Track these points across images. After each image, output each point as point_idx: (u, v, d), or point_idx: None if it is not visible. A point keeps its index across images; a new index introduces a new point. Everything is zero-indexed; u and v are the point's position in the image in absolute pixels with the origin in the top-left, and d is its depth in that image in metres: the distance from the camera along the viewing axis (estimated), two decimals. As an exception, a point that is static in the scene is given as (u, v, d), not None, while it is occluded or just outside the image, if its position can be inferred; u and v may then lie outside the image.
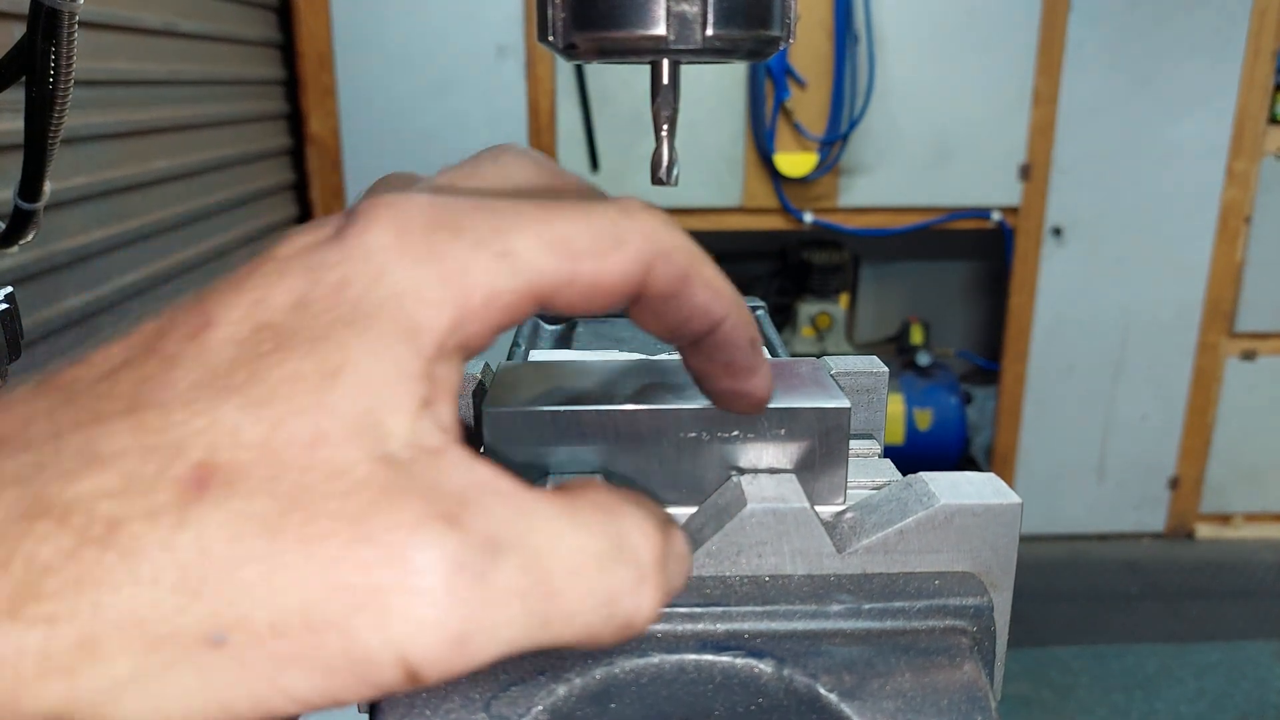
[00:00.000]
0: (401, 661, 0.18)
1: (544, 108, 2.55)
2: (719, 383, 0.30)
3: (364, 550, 0.18)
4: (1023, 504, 0.33)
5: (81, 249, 1.49)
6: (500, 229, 0.22)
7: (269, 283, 0.21)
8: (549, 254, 0.22)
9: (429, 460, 0.20)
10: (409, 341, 0.20)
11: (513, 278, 0.22)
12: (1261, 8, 2.54)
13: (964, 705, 0.29)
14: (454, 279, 0.21)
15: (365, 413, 0.19)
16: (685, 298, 0.26)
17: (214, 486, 0.18)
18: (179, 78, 1.88)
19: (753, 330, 0.29)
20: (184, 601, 0.17)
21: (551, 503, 0.21)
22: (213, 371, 0.19)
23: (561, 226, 0.23)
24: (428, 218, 0.22)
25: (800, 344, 3.03)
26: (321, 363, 0.19)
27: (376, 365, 0.20)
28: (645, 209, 0.25)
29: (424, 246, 0.21)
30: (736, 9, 0.37)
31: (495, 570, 0.19)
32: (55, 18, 0.57)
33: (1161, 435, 2.89)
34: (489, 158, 0.27)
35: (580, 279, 0.23)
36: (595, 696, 0.30)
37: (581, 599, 0.20)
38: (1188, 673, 2.35)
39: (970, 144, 2.65)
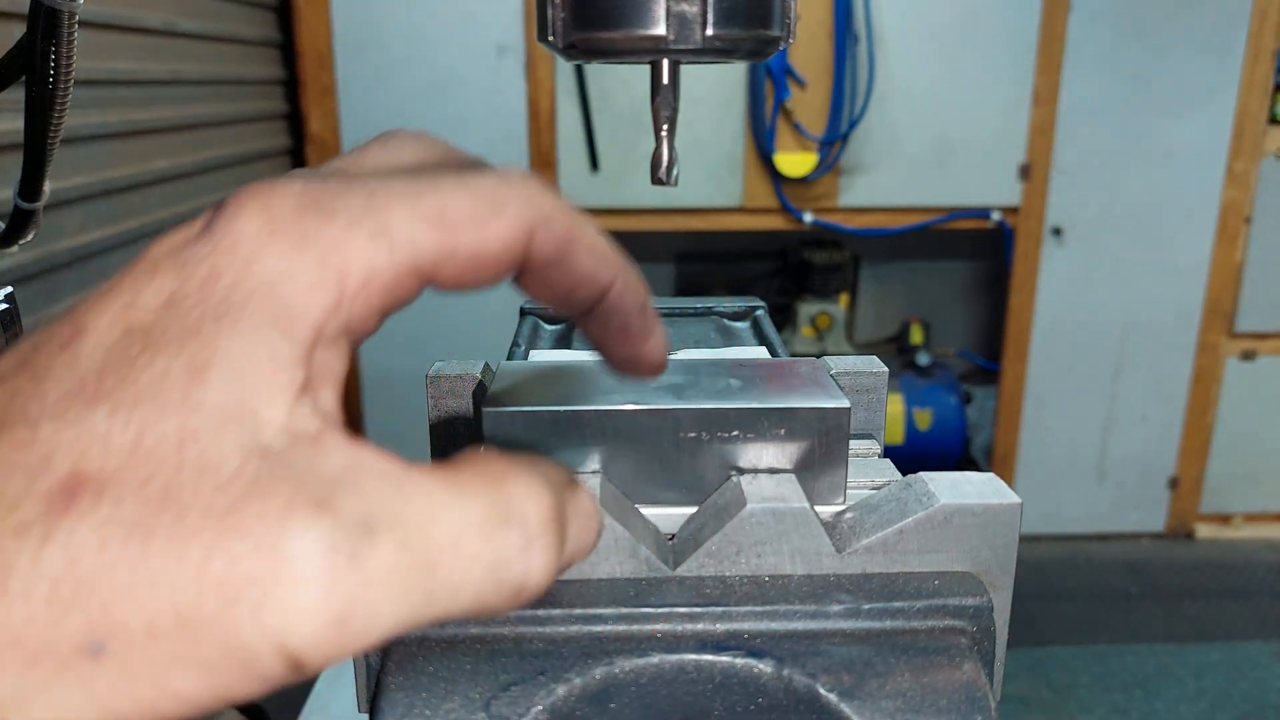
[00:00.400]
0: (281, 650, 0.18)
1: (544, 108, 2.55)
2: (616, 349, 0.29)
3: (234, 543, 0.18)
4: (1022, 504, 0.33)
5: (81, 249, 1.49)
6: (373, 207, 0.22)
7: (138, 285, 0.21)
8: (426, 227, 0.22)
9: (304, 446, 0.20)
10: (282, 328, 0.20)
11: (390, 255, 0.21)
12: (1261, 8, 2.54)
13: (963, 705, 0.29)
14: (329, 261, 0.21)
15: (237, 405, 0.19)
16: (570, 263, 0.25)
17: (82, 496, 0.18)
18: (179, 77, 1.88)
19: (642, 294, 0.28)
20: (58, 614, 0.17)
21: (432, 476, 0.21)
22: (82, 380, 0.19)
23: (437, 198, 0.22)
24: (297, 201, 0.21)
25: (800, 344, 3.03)
26: (190, 359, 0.19)
27: (248, 356, 0.20)
28: (524, 176, 0.25)
29: (295, 231, 0.21)
30: (736, 9, 0.37)
31: (369, 550, 0.19)
32: (55, 18, 0.57)
33: (1161, 435, 2.89)
34: (378, 142, 0.27)
35: (461, 250, 0.23)
36: (595, 696, 0.30)
37: (465, 569, 0.20)
38: (1187, 672, 2.35)
39: (970, 144, 2.65)
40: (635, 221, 2.67)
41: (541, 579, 0.22)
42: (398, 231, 0.22)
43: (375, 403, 2.76)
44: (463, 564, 0.20)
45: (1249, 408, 2.86)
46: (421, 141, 0.27)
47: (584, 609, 0.31)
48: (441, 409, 0.43)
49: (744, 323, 0.64)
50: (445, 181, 0.23)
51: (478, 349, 0.49)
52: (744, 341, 0.59)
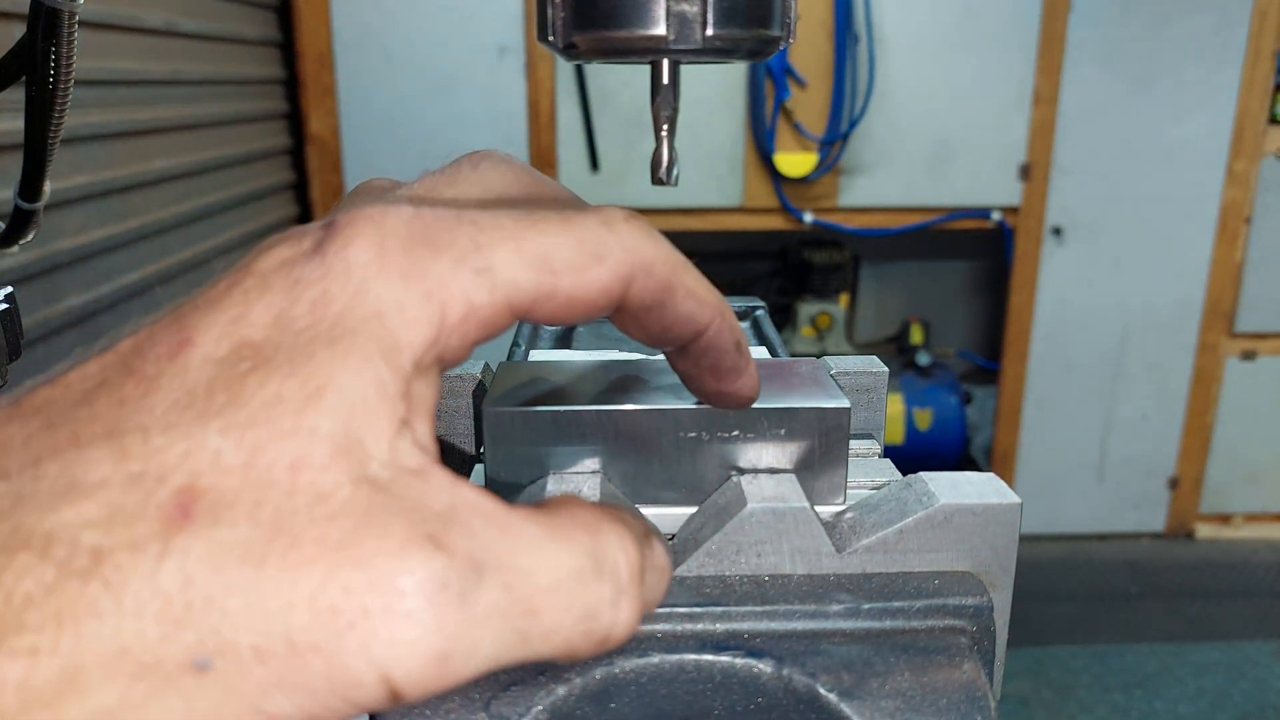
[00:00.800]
0: (384, 681, 0.18)
1: (544, 108, 2.55)
2: (706, 385, 0.30)
3: (349, 574, 0.18)
4: (1022, 504, 0.33)
5: (82, 249, 1.49)
6: (480, 244, 0.22)
7: (248, 299, 0.21)
8: (528, 270, 0.22)
9: (410, 481, 0.20)
10: (389, 360, 0.20)
11: (491, 293, 0.22)
12: (1262, 9, 2.54)
13: (963, 705, 0.29)
14: (434, 296, 0.21)
15: (346, 434, 0.19)
16: (668, 307, 0.26)
17: (197, 514, 0.18)
18: (179, 77, 1.88)
19: (737, 334, 0.29)
20: (168, 630, 0.17)
21: (533, 521, 0.21)
22: (192, 393, 0.19)
23: (541, 241, 0.23)
24: (409, 232, 0.21)
25: (800, 344, 3.03)
26: (303, 383, 0.19)
27: (357, 385, 0.20)
28: (627, 220, 0.25)
29: (405, 262, 0.21)
30: (736, 9, 0.37)
31: (478, 590, 0.19)
32: (55, 18, 0.57)
33: (1161, 435, 2.89)
34: (469, 164, 0.27)
35: (559, 294, 0.23)
36: (595, 696, 0.30)
37: (561, 615, 0.21)
38: (1187, 672, 2.35)
39: (970, 144, 2.65)
40: (635, 221, 2.67)
41: (626, 631, 0.22)
42: (501, 271, 0.22)
43: (375, 403, 2.76)
44: (559, 611, 0.21)
45: (1249, 408, 2.86)
46: (510, 167, 0.27)
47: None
48: (441, 409, 0.43)
49: (744, 323, 0.64)
50: (549, 223, 0.23)
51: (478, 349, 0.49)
52: (744, 341, 0.59)
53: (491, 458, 0.35)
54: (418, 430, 0.21)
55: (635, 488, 0.35)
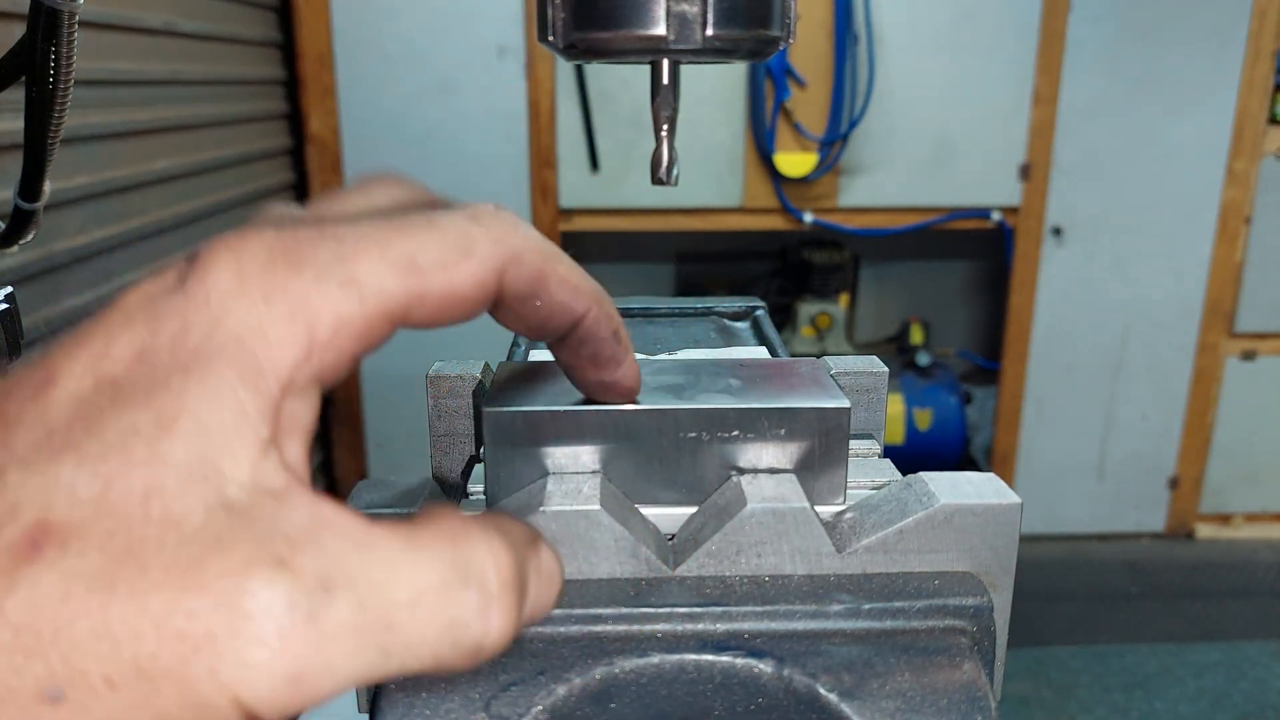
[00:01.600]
0: (237, 704, 0.18)
1: (544, 108, 2.55)
2: (587, 376, 0.30)
3: (195, 598, 0.18)
4: (1023, 504, 0.33)
5: (82, 249, 1.49)
6: (343, 256, 0.22)
7: (111, 335, 0.21)
8: (396, 274, 0.22)
9: (267, 503, 0.20)
10: (250, 383, 0.20)
11: (360, 304, 0.22)
12: (1261, 8, 2.54)
13: (964, 705, 0.29)
14: (298, 314, 0.21)
15: (201, 460, 0.19)
16: (543, 297, 0.26)
17: (47, 547, 0.18)
18: (179, 78, 1.88)
19: (616, 323, 0.29)
20: (18, 661, 0.17)
21: (393, 535, 0.21)
22: (51, 431, 0.20)
23: (405, 244, 0.23)
24: (269, 253, 0.21)
25: (800, 344, 3.03)
26: (158, 413, 0.20)
27: (214, 411, 0.20)
28: (495, 213, 0.25)
29: (265, 284, 0.21)
30: (736, 9, 0.37)
31: (327, 608, 0.19)
32: (55, 18, 0.57)
33: (1161, 435, 2.89)
34: (357, 186, 0.27)
35: (431, 294, 0.23)
36: (595, 696, 0.30)
37: (423, 629, 0.20)
38: (1187, 672, 2.35)
39: (970, 144, 2.65)
40: (635, 221, 2.67)
41: (500, 639, 0.22)
42: (367, 281, 0.22)
43: (375, 403, 2.76)
44: (420, 624, 0.20)
45: (1249, 408, 2.86)
46: (399, 185, 0.27)
47: (584, 609, 0.31)
48: (441, 409, 0.43)
49: (744, 323, 0.64)
50: (414, 225, 0.23)
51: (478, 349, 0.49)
52: (744, 341, 0.59)
53: (491, 458, 0.35)
54: (287, 450, 0.21)
55: (635, 488, 0.35)
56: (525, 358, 0.55)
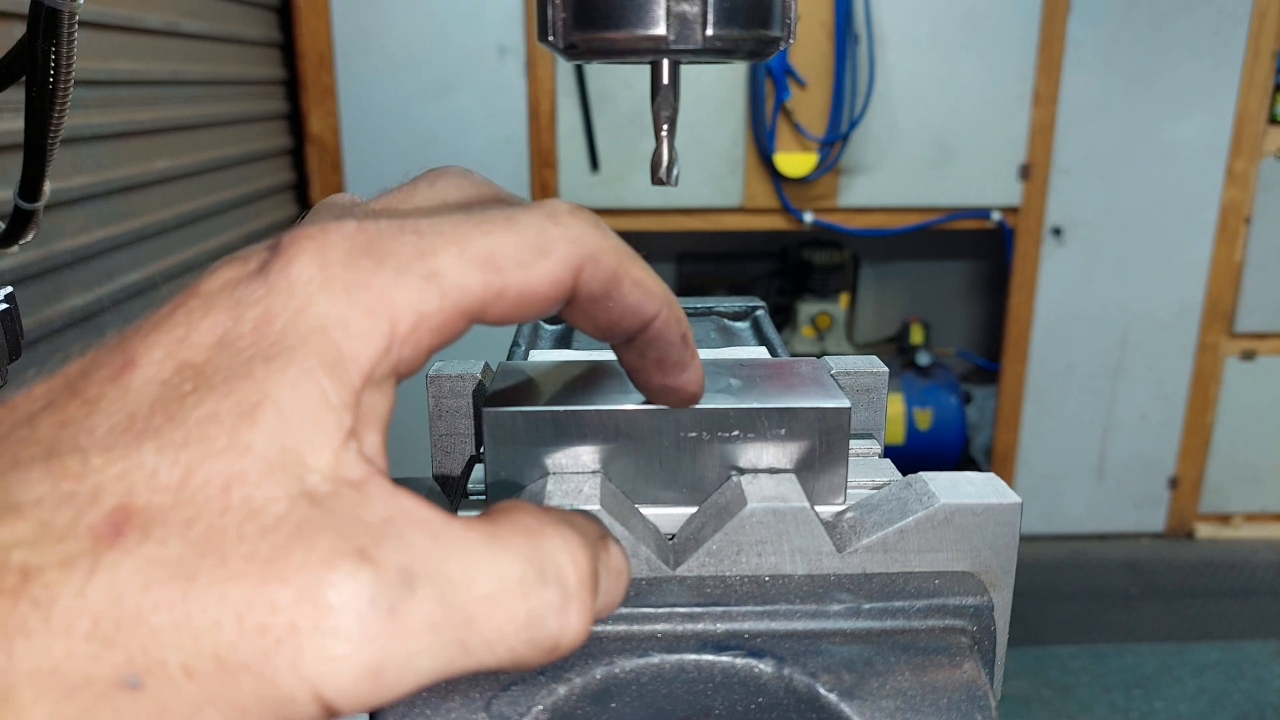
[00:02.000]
0: (316, 698, 0.18)
1: (544, 108, 2.55)
2: (652, 378, 0.30)
3: (276, 590, 0.18)
4: (1023, 504, 0.33)
5: (82, 249, 1.49)
6: (424, 251, 0.22)
7: (192, 320, 0.21)
8: (475, 271, 0.22)
9: (348, 493, 0.20)
10: (332, 373, 0.20)
11: (440, 299, 0.22)
12: (1261, 8, 2.54)
13: (964, 704, 0.29)
14: (380, 307, 0.21)
15: (283, 450, 0.19)
16: (616, 298, 0.26)
17: (129, 533, 0.18)
18: (180, 78, 1.88)
19: (684, 327, 0.29)
20: (98, 649, 0.17)
21: (472, 529, 0.21)
22: (132, 415, 0.19)
23: (485, 241, 0.23)
24: (351, 246, 0.22)
25: (800, 344, 3.03)
26: (239, 401, 0.19)
27: (296, 400, 0.20)
28: (572, 212, 0.25)
29: (348, 276, 0.21)
30: (736, 9, 0.37)
31: (409, 603, 0.19)
32: (55, 18, 0.57)
33: (1161, 435, 2.89)
34: (426, 180, 0.27)
35: (509, 292, 0.23)
36: (595, 696, 0.30)
37: (502, 625, 0.20)
38: (1187, 672, 2.35)
39: (970, 144, 2.65)
40: (635, 221, 2.67)
41: (576, 637, 0.22)
42: (447, 276, 0.22)
43: (375, 403, 2.76)
44: (500, 620, 0.20)
45: (1249, 408, 2.86)
46: (467, 179, 0.27)
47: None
48: (441, 409, 0.43)
49: (744, 323, 0.64)
50: (493, 222, 0.23)
51: (478, 349, 0.49)
52: (744, 341, 0.59)
53: (491, 458, 0.35)
54: (366, 441, 0.21)
55: (635, 488, 0.35)
56: (525, 358, 0.55)
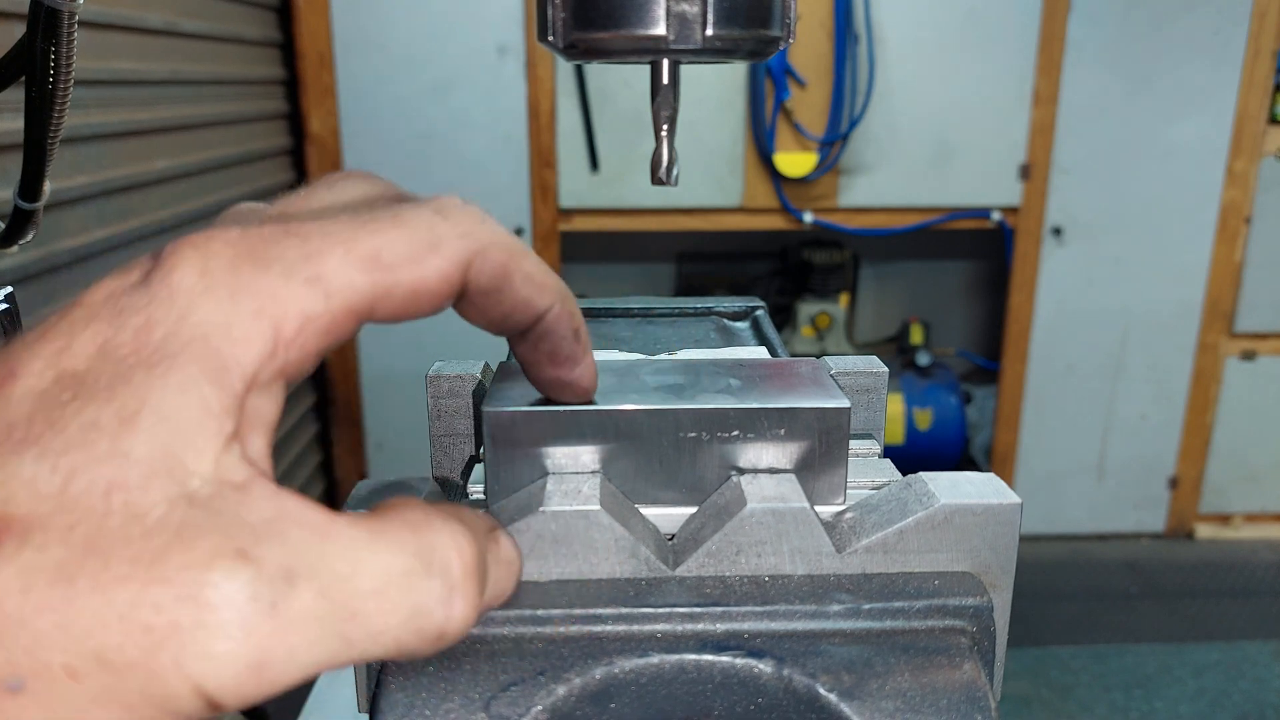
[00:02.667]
0: (200, 693, 0.19)
1: (544, 108, 2.55)
2: (543, 371, 0.30)
3: (159, 590, 0.18)
4: (1022, 504, 0.33)
5: (82, 249, 1.49)
6: (309, 254, 0.22)
7: (74, 330, 0.21)
8: (361, 271, 0.22)
9: (231, 495, 0.20)
10: (214, 379, 0.20)
11: (325, 301, 0.22)
12: (1261, 8, 2.54)
13: (964, 705, 0.29)
14: (264, 311, 0.21)
15: (164, 455, 0.20)
16: (507, 292, 0.26)
17: (7, 540, 0.18)
18: (179, 78, 1.88)
19: (576, 321, 0.29)
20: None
21: (357, 526, 0.21)
22: (11, 425, 0.20)
23: (372, 240, 0.23)
24: (234, 252, 0.22)
25: (800, 344, 3.03)
26: (120, 408, 0.20)
27: (177, 406, 0.20)
28: (461, 208, 0.25)
29: (232, 282, 0.21)
30: (736, 9, 0.37)
31: (289, 598, 0.19)
32: (55, 18, 0.57)
33: (1161, 435, 2.89)
34: (324, 183, 0.27)
35: (398, 289, 0.23)
36: (595, 696, 0.30)
37: (386, 616, 0.21)
38: (1187, 672, 2.35)
39: (970, 144, 2.65)
40: (635, 221, 2.67)
41: (462, 626, 0.22)
42: (333, 278, 0.22)
43: (375, 403, 2.76)
44: (385, 612, 0.21)
45: (1249, 408, 2.86)
46: (367, 181, 0.27)
47: (584, 609, 0.31)
48: (441, 409, 0.43)
49: (744, 323, 0.64)
50: (379, 221, 0.23)
51: (478, 349, 0.49)
52: (744, 341, 0.59)
53: (491, 458, 0.35)
54: (250, 444, 0.21)
55: (635, 488, 0.35)
56: (525, 358, 0.55)
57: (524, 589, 0.32)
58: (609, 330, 0.61)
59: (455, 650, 0.30)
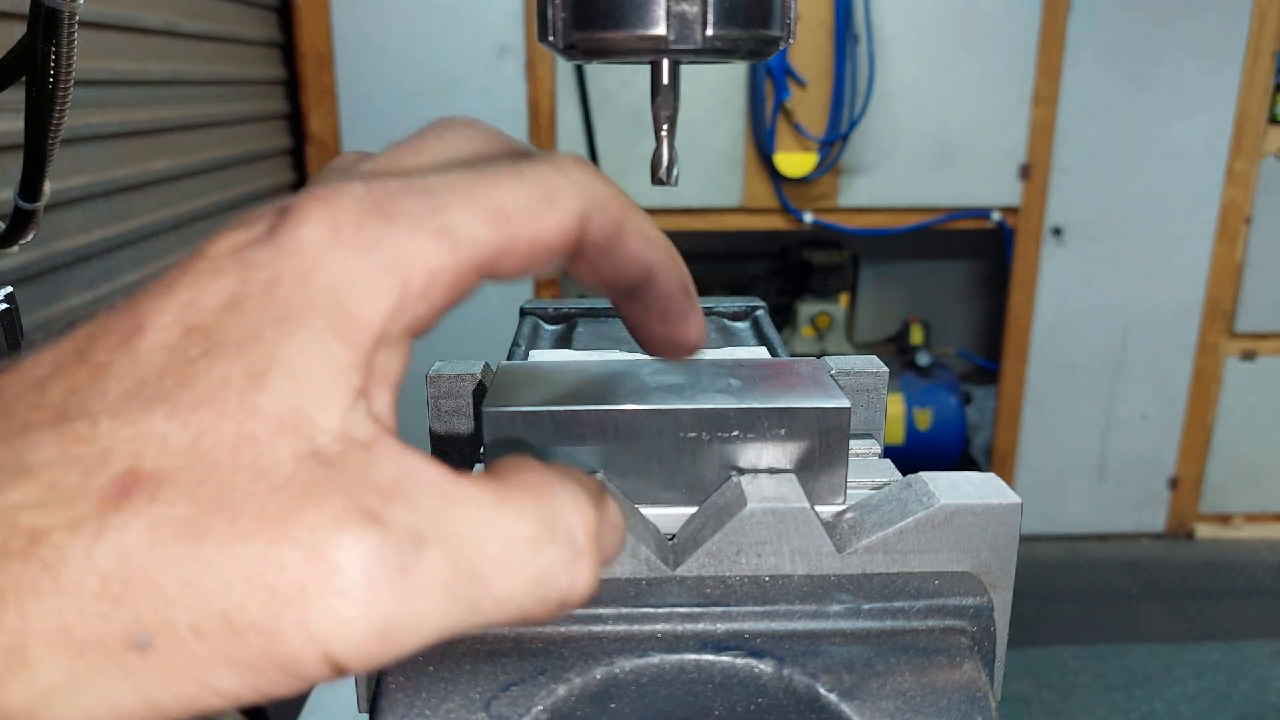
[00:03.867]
0: (326, 657, 0.18)
1: (544, 108, 2.55)
2: (654, 329, 0.30)
3: (285, 550, 0.18)
4: (1022, 504, 0.33)
5: (82, 249, 1.49)
6: (435, 207, 0.22)
7: (200, 284, 0.21)
8: (486, 224, 0.22)
9: (357, 453, 0.20)
10: (343, 334, 0.20)
11: (453, 254, 0.22)
12: (1261, 9, 2.54)
13: (964, 705, 0.29)
14: (393, 266, 0.21)
15: (292, 411, 0.19)
16: (620, 247, 0.26)
17: (137, 494, 0.18)
18: (179, 78, 1.88)
19: (686, 278, 0.29)
20: (107, 608, 0.17)
21: (481, 489, 0.21)
22: (142, 379, 0.19)
23: (495, 194, 0.23)
24: (361, 206, 0.21)
25: (800, 344, 3.03)
26: (250, 365, 0.20)
27: (305, 362, 0.20)
28: (576, 163, 0.25)
29: (358, 236, 0.21)
30: (736, 9, 0.37)
31: (418, 563, 0.19)
32: (55, 18, 0.57)
33: (1161, 435, 2.89)
34: (433, 132, 0.27)
35: (520, 243, 0.23)
36: (595, 696, 0.30)
37: (513, 583, 0.21)
38: (1187, 672, 2.35)
39: (970, 144, 2.65)
40: (635, 221, 2.67)
41: (585, 591, 0.22)
42: (459, 231, 0.22)
43: (375, 403, 2.76)
44: (511, 578, 0.21)
45: (1249, 408, 2.86)
46: (474, 129, 0.27)
47: (584, 609, 0.31)
48: (441, 409, 0.43)
49: (744, 323, 0.64)
50: (502, 175, 0.23)
51: (478, 349, 0.49)
52: (744, 341, 0.59)
53: (491, 458, 0.35)
54: (376, 401, 0.21)
55: (635, 488, 0.35)
56: (525, 358, 0.55)
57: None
58: (609, 330, 0.61)
59: (455, 650, 0.30)
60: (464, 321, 2.77)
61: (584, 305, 0.63)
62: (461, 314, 0.88)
